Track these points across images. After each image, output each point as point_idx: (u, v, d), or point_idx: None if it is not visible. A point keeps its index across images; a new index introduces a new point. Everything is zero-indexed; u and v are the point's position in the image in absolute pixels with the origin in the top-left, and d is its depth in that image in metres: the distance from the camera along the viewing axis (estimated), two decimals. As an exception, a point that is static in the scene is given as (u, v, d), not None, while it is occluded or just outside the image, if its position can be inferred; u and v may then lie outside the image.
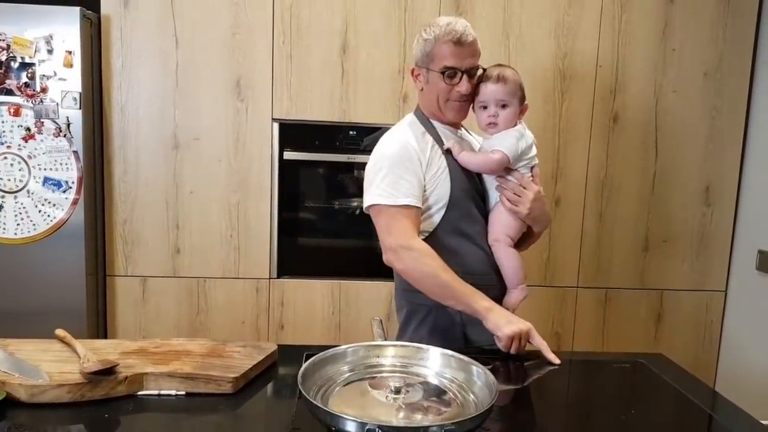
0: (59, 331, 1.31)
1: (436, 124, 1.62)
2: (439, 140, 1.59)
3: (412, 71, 1.62)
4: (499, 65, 1.59)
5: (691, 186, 2.60)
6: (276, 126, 2.47)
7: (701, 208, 2.62)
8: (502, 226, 1.60)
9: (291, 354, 1.36)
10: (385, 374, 1.15)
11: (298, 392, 1.01)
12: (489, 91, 1.55)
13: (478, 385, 1.10)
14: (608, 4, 2.47)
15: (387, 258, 1.51)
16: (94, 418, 1.07)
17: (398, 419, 1.00)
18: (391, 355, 1.20)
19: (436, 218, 1.56)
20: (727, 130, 2.58)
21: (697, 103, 2.56)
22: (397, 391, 1.05)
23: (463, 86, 1.54)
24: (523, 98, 1.58)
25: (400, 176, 1.50)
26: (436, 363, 1.18)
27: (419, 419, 1.01)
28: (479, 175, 1.62)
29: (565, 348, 2.64)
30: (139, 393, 1.14)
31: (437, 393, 1.10)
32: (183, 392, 1.15)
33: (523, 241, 1.68)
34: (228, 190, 2.48)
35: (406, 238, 1.47)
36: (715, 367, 2.71)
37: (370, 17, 2.43)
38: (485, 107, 1.57)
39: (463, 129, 1.72)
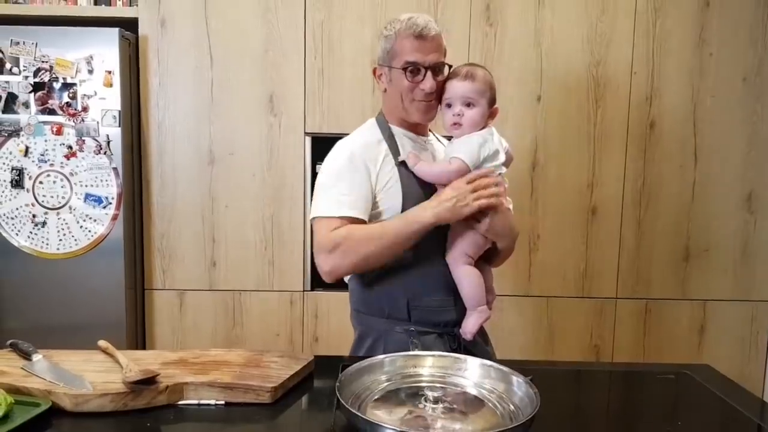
0: (102, 342, 1.34)
1: (396, 130, 1.51)
2: (395, 149, 1.48)
3: (374, 71, 1.52)
4: (471, 64, 1.47)
5: (733, 193, 2.53)
6: (308, 140, 2.50)
7: (744, 215, 2.54)
8: (460, 242, 1.45)
9: (327, 365, 1.36)
10: (423, 384, 1.13)
11: (336, 402, 1.01)
12: (454, 87, 1.43)
13: (519, 395, 1.07)
14: (642, 10, 2.44)
15: (326, 270, 1.39)
16: (137, 427, 1.08)
17: (436, 429, 0.98)
18: (428, 365, 1.19)
19: None
20: (769, 135, 2.51)
21: (737, 109, 2.50)
22: (436, 400, 1.04)
23: (428, 83, 1.43)
24: (492, 100, 1.45)
25: (345, 188, 1.41)
26: (474, 373, 1.16)
27: (458, 429, 0.99)
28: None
29: (605, 361, 2.58)
30: (180, 402, 1.15)
31: (477, 403, 1.09)
32: (222, 402, 1.16)
33: (492, 256, 1.54)
34: (262, 203, 2.51)
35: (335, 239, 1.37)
36: (762, 380, 2.61)
37: (400, 30, 2.44)
38: (450, 105, 1.45)
39: (431, 135, 1.60)
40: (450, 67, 1.47)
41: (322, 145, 2.48)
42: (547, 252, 2.54)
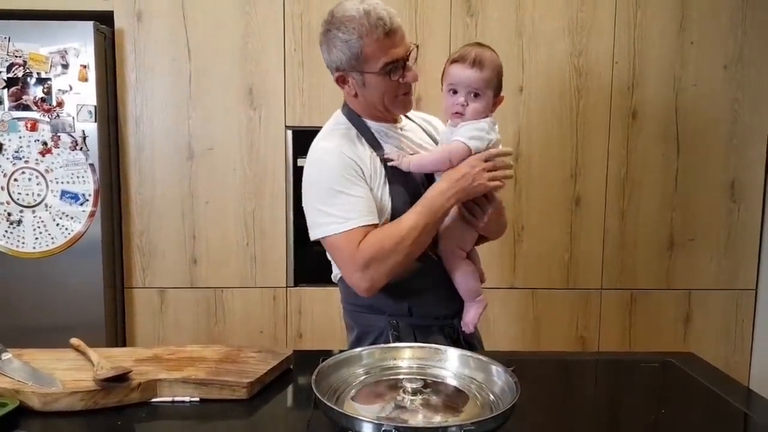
0: (74, 340, 1.30)
1: (370, 123, 1.43)
2: (375, 144, 1.40)
3: (338, 79, 1.39)
4: (478, 44, 1.36)
5: (716, 182, 2.53)
6: (289, 133, 2.46)
7: (727, 204, 2.54)
8: (453, 237, 1.41)
9: (308, 360, 1.32)
10: (402, 376, 1.11)
11: (314, 397, 0.98)
12: (461, 75, 1.32)
13: (499, 385, 1.06)
14: (623, -1, 2.44)
15: (366, 287, 1.32)
16: (108, 425, 1.05)
17: (416, 420, 0.96)
18: (407, 357, 1.17)
19: None
20: (751, 123, 2.50)
21: (718, 97, 2.49)
22: (415, 392, 1.02)
23: (410, 75, 1.35)
24: (499, 89, 1.37)
25: (348, 195, 1.32)
26: (453, 364, 1.14)
27: (438, 420, 0.97)
28: (429, 178, 1.41)
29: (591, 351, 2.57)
30: (153, 400, 1.12)
31: (456, 394, 1.07)
32: (197, 399, 1.13)
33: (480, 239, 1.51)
34: (243, 198, 2.47)
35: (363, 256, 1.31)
36: (748, 368, 2.62)
37: (381, 21, 2.41)
38: (455, 92, 1.34)
39: (402, 118, 1.51)
40: (417, 47, 1.38)
41: (303, 139, 2.46)
42: (531, 243, 2.52)
